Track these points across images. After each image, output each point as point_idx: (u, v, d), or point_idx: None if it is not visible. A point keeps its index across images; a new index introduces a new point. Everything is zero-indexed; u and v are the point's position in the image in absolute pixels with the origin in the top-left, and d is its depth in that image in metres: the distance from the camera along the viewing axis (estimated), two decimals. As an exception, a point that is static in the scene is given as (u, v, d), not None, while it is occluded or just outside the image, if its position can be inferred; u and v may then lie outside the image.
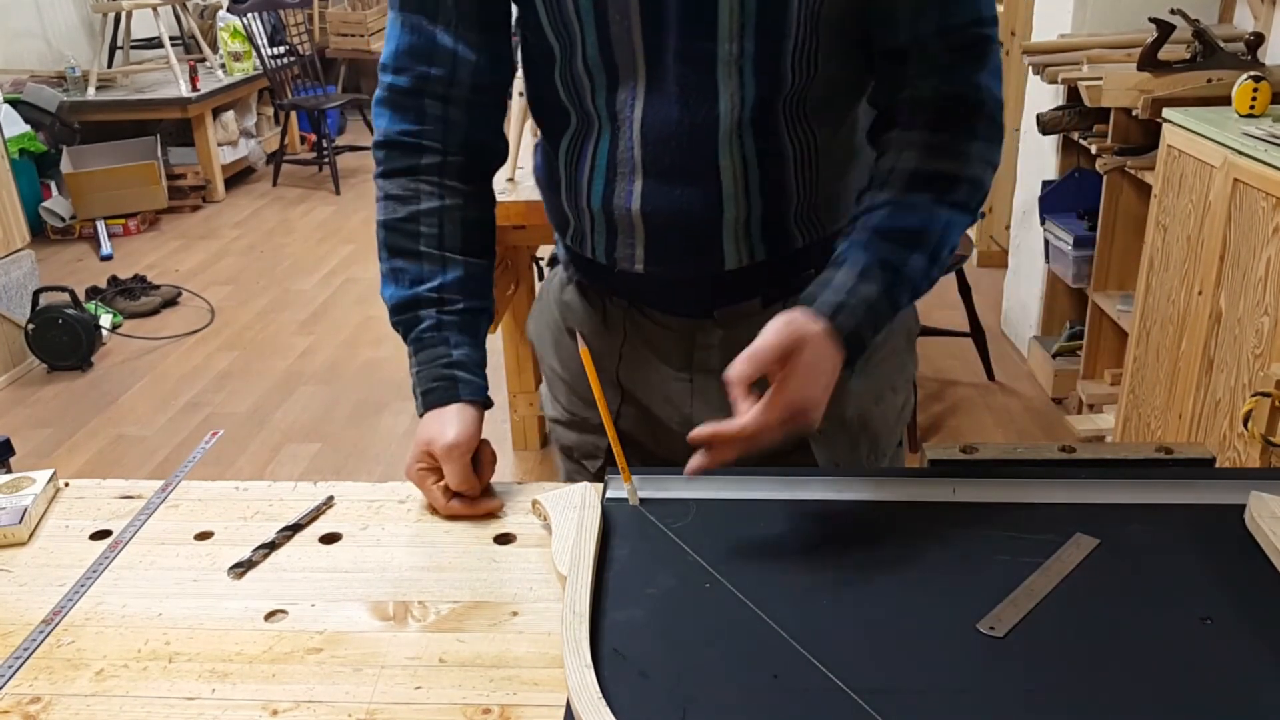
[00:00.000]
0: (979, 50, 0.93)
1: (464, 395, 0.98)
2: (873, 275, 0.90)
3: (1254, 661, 0.73)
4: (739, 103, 0.93)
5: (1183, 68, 2.48)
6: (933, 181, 0.93)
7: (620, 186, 0.99)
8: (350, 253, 4.80)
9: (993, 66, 0.94)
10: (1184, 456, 0.98)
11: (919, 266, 0.92)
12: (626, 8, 0.90)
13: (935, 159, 0.93)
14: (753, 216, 0.98)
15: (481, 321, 1.03)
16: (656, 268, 1.01)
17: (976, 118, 0.94)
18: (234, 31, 5.88)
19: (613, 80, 0.95)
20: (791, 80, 0.93)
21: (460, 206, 1.01)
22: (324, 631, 0.80)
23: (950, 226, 0.94)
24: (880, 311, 0.90)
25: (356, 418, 3.26)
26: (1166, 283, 2.33)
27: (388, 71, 1.00)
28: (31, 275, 3.65)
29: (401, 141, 1.00)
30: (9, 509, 0.94)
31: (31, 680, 0.75)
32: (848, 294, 0.89)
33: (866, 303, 0.89)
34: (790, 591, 0.81)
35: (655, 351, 1.08)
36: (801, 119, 0.96)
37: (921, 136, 0.94)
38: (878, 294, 0.90)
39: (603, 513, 0.90)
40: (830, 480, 0.97)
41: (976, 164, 0.94)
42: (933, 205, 0.92)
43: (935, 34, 0.91)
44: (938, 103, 0.94)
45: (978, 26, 0.92)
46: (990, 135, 0.95)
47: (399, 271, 1.01)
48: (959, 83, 0.93)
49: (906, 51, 0.93)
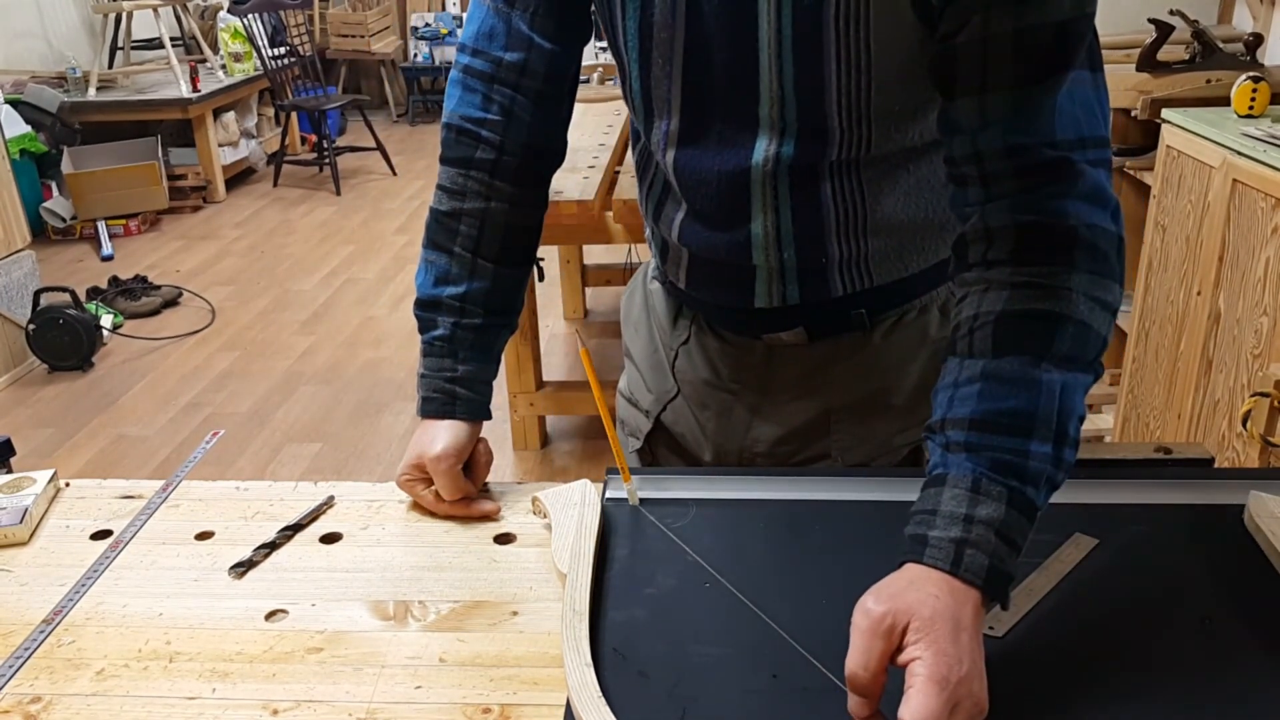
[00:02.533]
0: (1058, 173, 0.76)
1: (459, 413, 0.98)
2: (990, 489, 0.71)
3: (1253, 661, 0.73)
4: (774, 158, 0.89)
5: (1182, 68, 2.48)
6: (1029, 331, 0.75)
7: (667, 212, 1.00)
8: (351, 253, 4.80)
9: (1086, 191, 0.76)
10: (1183, 456, 0.98)
11: (1044, 455, 0.72)
12: (670, 55, 0.90)
13: (1026, 299, 0.75)
14: (786, 266, 0.96)
15: (499, 337, 1.03)
16: (696, 292, 1.04)
17: (1073, 247, 0.75)
18: (234, 32, 5.88)
19: (650, 117, 0.95)
20: (839, 153, 0.88)
21: (505, 211, 1.00)
22: (324, 631, 0.80)
23: (1067, 391, 0.73)
24: (1015, 527, 0.71)
25: (357, 418, 3.26)
26: (1165, 283, 2.33)
27: (465, 52, 0.99)
28: (32, 276, 3.65)
29: (463, 127, 0.99)
30: (10, 509, 0.94)
31: (32, 680, 0.75)
32: (964, 526, 0.70)
33: (994, 526, 0.70)
34: (790, 591, 0.81)
35: (708, 358, 1.09)
36: (850, 179, 0.91)
37: (1005, 274, 0.76)
38: (1004, 512, 0.70)
39: (603, 512, 0.90)
40: (830, 480, 0.97)
41: (1082, 303, 0.75)
42: (1035, 368, 0.73)
43: (1001, 152, 0.77)
44: (1017, 232, 0.77)
45: (1053, 149, 0.76)
46: (1097, 269, 0.75)
47: (430, 264, 1.01)
48: (1037, 210, 0.76)
49: (968, 165, 0.79)
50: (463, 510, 0.95)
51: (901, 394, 1.03)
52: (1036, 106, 0.76)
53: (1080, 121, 0.77)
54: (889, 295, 0.99)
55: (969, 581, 0.69)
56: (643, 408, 1.16)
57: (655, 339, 1.15)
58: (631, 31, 0.90)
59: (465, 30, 1.00)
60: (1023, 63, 0.76)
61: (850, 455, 1.04)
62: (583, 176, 2.64)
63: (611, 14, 0.92)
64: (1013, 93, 0.77)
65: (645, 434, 1.15)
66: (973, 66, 0.77)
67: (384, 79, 7.72)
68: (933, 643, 0.65)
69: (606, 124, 3.21)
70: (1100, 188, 0.77)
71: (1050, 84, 0.76)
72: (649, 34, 0.90)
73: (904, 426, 1.04)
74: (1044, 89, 0.76)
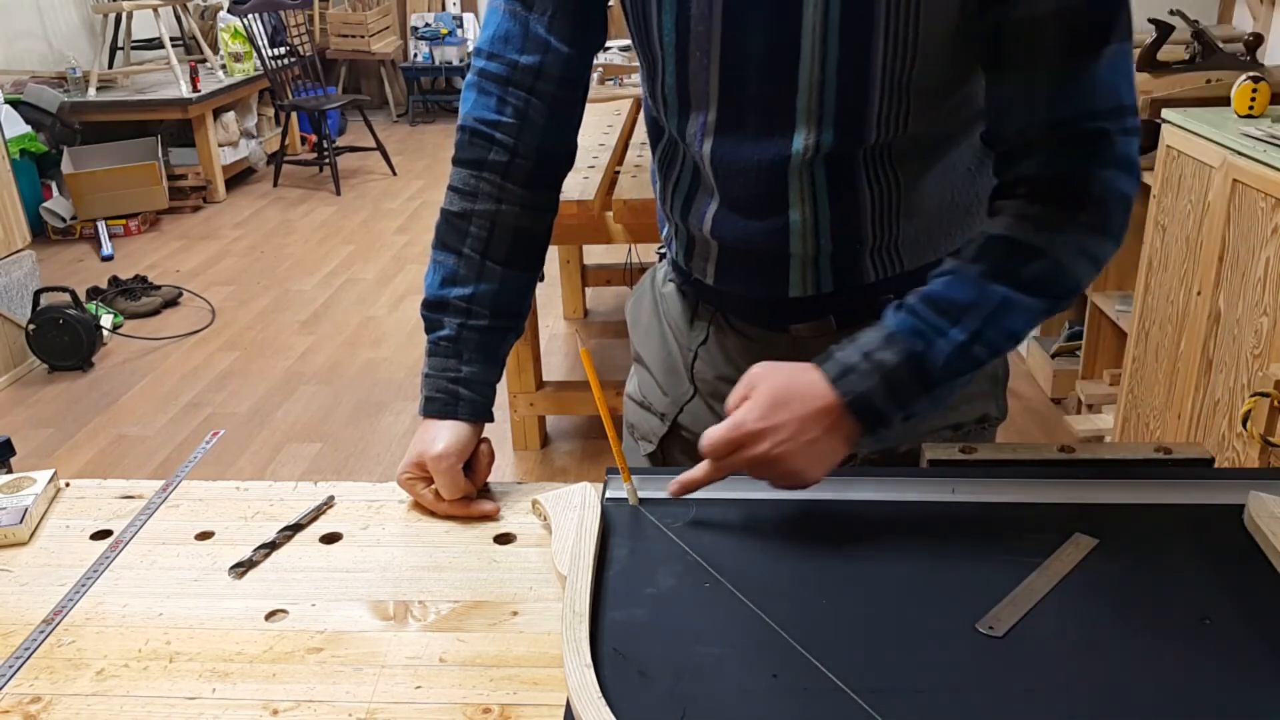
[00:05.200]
0: (1096, 144, 0.84)
1: (461, 414, 0.98)
2: (898, 343, 0.84)
3: (1253, 661, 0.73)
4: (813, 147, 0.90)
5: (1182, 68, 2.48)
6: (1006, 251, 0.85)
7: (698, 205, 1.01)
8: (350, 253, 4.80)
9: (1115, 159, 0.84)
10: (1183, 457, 0.98)
11: (955, 342, 0.84)
12: (708, 47, 0.90)
13: (1019, 229, 0.86)
14: (821, 254, 0.97)
15: (505, 339, 1.03)
16: (725, 285, 1.04)
17: (1083, 201, 0.85)
18: (234, 32, 5.88)
19: (685, 111, 0.95)
20: (876, 136, 0.90)
21: (515, 213, 1.00)
22: (324, 631, 0.80)
23: (1009, 307, 0.84)
24: (901, 381, 0.84)
25: (357, 418, 3.26)
26: (1165, 283, 2.33)
27: (480, 56, 0.99)
28: (32, 276, 3.65)
29: (477, 129, 0.99)
30: (10, 509, 0.94)
31: (32, 680, 0.75)
32: (863, 357, 0.84)
33: (881, 369, 0.84)
34: (790, 591, 0.81)
35: (730, 358, 1.09)
36: (885, 165, 0.93)
37: (1017, 205, 0.87)
38: (896, 363, 0.83)
39: (603, 512, 0.90)
40: (830, 480, 0.97)
41: (1068, 248, 0.85)
42: (991, 280, 0.84)
43: (1045, 126, 0.84)
44: (1043, 179, 0.86)
45: (1092, 120, 0.83)
46: (1097, 226, 0.85)
47: (439, 264, 1.01)
48: (1068, 166, 0.85)
49: (1014, 140, 0.87)
50: (463, 510, 0.95)
51: None
52: (1080, 81, 0.82)
53: (1120, 91, 0.84)
54: (918, 281, 0.99)
55: (840, 393, 0.83)
56: (657, 411, 1.16)
57: (669, 342, 1.14)
58: (669, 26, 0.91)
59: (481, 34, 1.00)
60: (1068, 39, 0.82)
61: (874, 442, 1.04)
62: (583, 176, 2.64)
63: (646, 10, 0.92)
64: (1058, 69, 0.83)
65: (660, 437, 1.15)
66: (1019, 43, 0.83)
67: (384, 79, 7.72)
68: (756, 397, 0.84)
69: (606, 124, 3.21)
70: (1128, 156, 0.85)
71: (1093, 58, 0.82)
72: (686, 27, 0.90)
73: (924, 428, 1.04)
74: (1088, 63, 0.82)
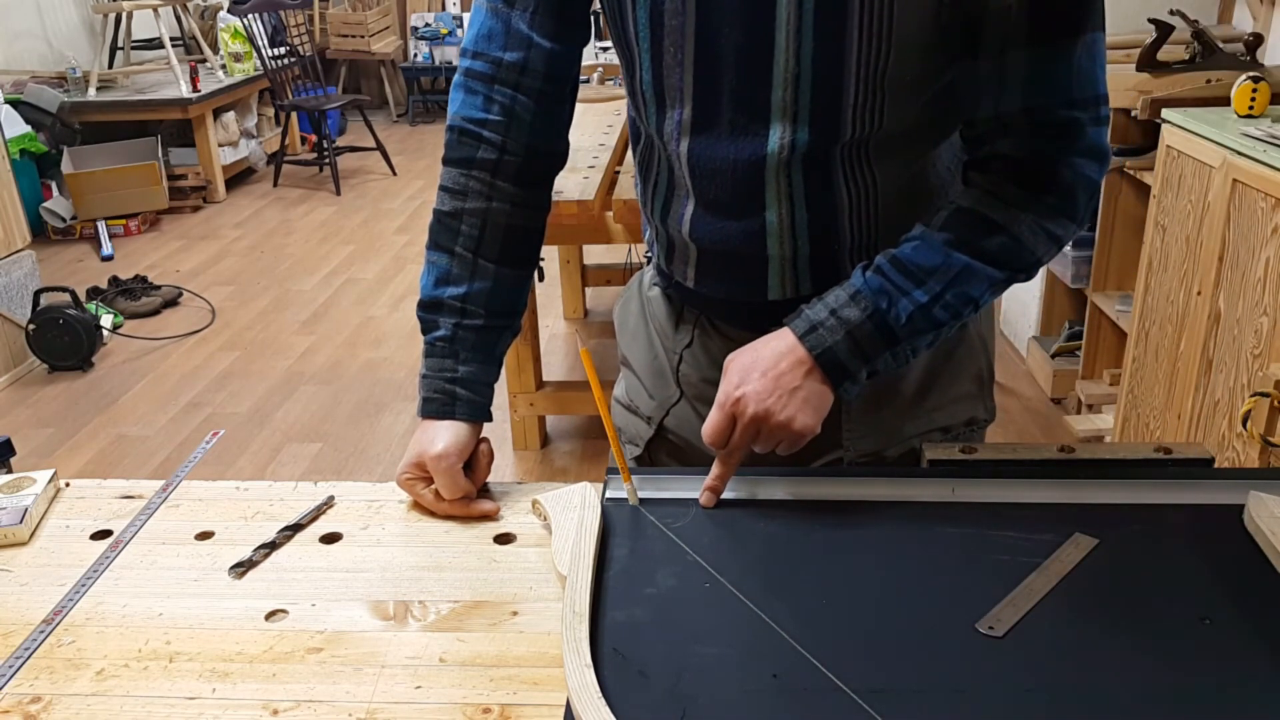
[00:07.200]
0: (1069, 131, 0.87)
1: (459, 414, 0.98)
2: (862, 301, 0.88)
3: (1252, 661, 0.73)
4: (788, 145, 0.90)
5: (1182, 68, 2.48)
6: (971, 223, 0.89)
7: (675, 208, 1.00)
8: (350, 253, 4.80)
9: (1086, 147, 0.87)
10: (1183, 457, 0.98)
11: (917, 303, 0.88)
12: (682, 41, 0.90)
13: (986, 203, 0.89)
14: (799, 255, 0.97)
15: (501, 338, 1.03)
16: (705, 288, 1.03)
17: (1051, 186, 0.88)
18: (234, 32, 5.88)
19: (661, 108, 0.95)
20: (851, 131, 0.90)
21: (506, 211, 1.00)
22: (324, 631, 0.80)
23: (969, 275, 0.88)
24: (867, 337, 0.88)
25: (357, 418, 3.26)
26: (1165, 283, 2.33)
27: (466, 55, 1.00)
28: (32, 276, 3.65)
29: (464, 128, 0.99)
30: (10, 509, 0.94)
31: (32, 680, 0.75)
32: (830, 314, 0.89)
33: (847, 324, 0.88)
34: (790, 591, 0.81)
35: (714, 360, 1.08)
36: (862, 164, 0.93)
37: (988, 180, 0.90)
38: (860, 319, 0.88)
39: (602, 513, 0.90)
40: (830, 480, 0.97)
41: (1029, 227, 0.88)
42: (955, 248, 0.88)
43: (1020, 111, 0.86)
44: (1014, 159, 0.89)
45: (1068, 109, 0.86)
46: (1061, 209, 0.89)
47: (432, 265, 1.01)
48: (1040, 150, 0.88)
49: (988, 125, 0.89)
50: (462, 510, 0.95)
51: (910, 383, 1.04)
52: (1056, 68, 0.84)
53: (1095, 80, 0.86)
54: None
55: (809, 348, 0.88)
56: (644, 415, 1.16)
57: (655, 345, 1.14)
58: (643, 20, 0.91)
59: (466, 35, 1.01)
60: (1043, 25, 0.83)
61: (860, 445, 1.04)
62: (583, 176, 2.64)
63: (621, 7, 0.92)
64: (1033, 54, 0.84)
65: (646, 440, 1.15)
66: (994, 29, 0.84)
67: (384, 79, 7.72)
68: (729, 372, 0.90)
69: (606, 124, 3.21)
70: (1098, 145, 0.88)
71: (1069, 45, 0.83)
72: (660, 21, 0.90)
73: (913, 415, 1.05)
74: (1063, 50, 0.83)
